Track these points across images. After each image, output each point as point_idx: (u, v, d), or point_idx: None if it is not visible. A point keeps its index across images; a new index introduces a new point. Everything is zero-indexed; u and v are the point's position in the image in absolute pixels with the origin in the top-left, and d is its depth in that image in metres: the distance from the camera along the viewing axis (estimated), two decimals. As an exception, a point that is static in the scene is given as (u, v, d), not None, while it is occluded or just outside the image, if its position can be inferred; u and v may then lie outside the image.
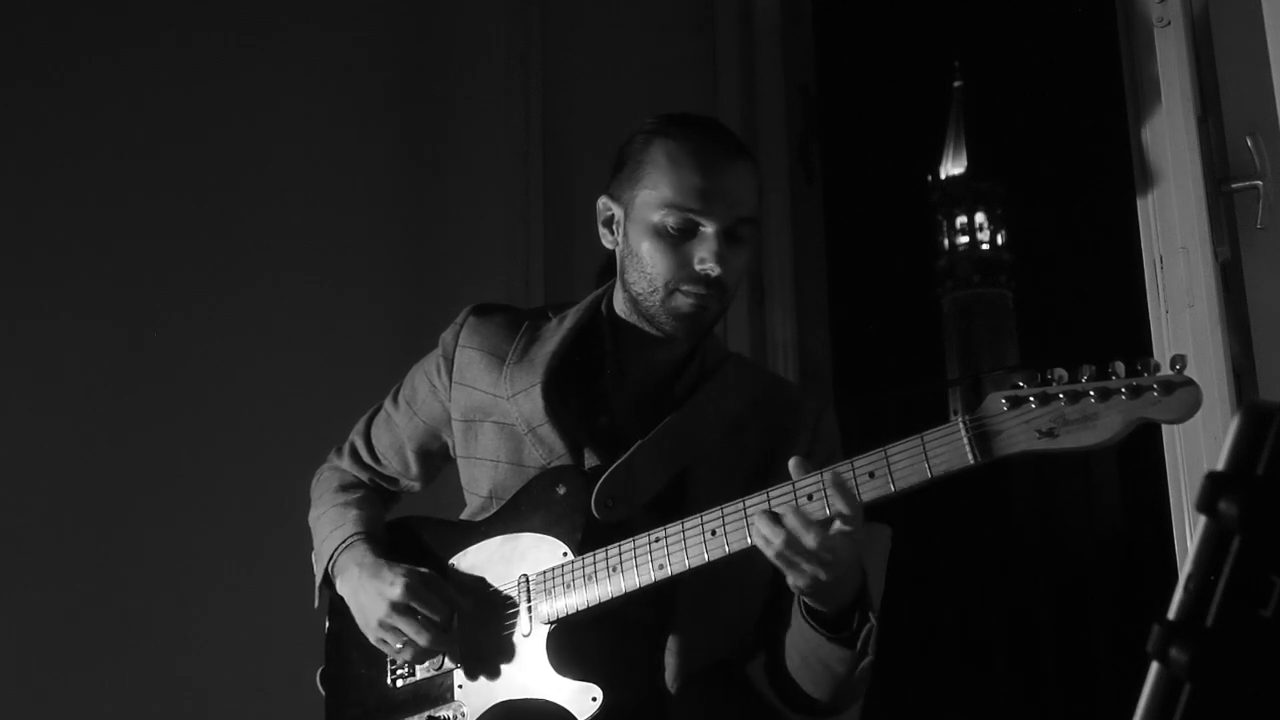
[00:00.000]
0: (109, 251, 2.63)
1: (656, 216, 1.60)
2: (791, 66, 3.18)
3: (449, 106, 3.19)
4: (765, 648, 1.62)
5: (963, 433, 1.35)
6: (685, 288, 1.60)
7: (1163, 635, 0.73)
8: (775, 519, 1.40)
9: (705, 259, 1.58)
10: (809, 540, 1.38)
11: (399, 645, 1.64)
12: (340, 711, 1.76)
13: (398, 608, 1.62)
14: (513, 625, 1.61)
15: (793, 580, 1.43)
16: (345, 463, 1.90)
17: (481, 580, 1.66)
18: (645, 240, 1.61)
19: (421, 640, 1.62)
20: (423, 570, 1.66)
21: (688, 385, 1.71)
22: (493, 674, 1.61)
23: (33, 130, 2.58)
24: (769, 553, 1.41)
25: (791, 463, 1.44)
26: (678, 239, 1.60)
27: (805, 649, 1.53)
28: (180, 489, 2.61)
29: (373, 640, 1.68)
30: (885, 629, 2.01)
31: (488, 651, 1.62)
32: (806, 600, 1.48)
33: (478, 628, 1.64)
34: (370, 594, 1.66)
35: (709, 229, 1.59)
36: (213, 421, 2.69)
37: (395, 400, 1.88)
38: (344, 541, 1.75)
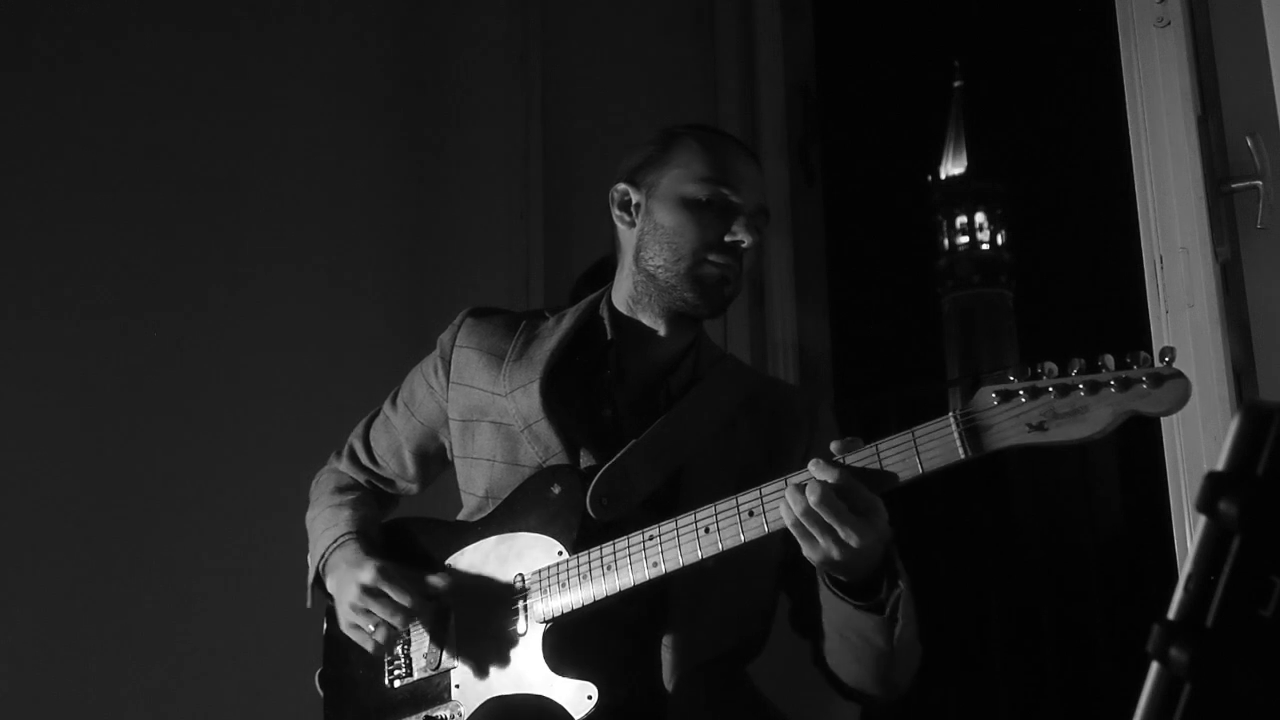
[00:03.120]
0: (107, 251, 2.62)
1: (690, 189, 1.67)
2: (791, 66, 3.18)
3: (449, 106, 3.19)
4: (809, 640, 1.60)
5: (953, 427, 1.35)
6: (713, 257, 1.66)
7: (1163, 635, 0.73)
8: (799, 489, 1.39)
9: (738, 230, 1.65)
10: (825, 513, 1.37)
11: (371, 627, 1.64)
12: (338, 712, 1.77)
13: (368, 590, 1.63)
14: (509, 624, 1.61)
15: (806, 552, 1.41)
16: (344, 465, 1.91)
17: (478, 580, 1.66)
18: (675, 213, 1.67)
19: (395, 620, 1.62)
20: (397, 565, 1.66)
21: (682, 381, 1.72)
22: (489, 673, 1.61)
23: (33, 125, 2.58)
24: (788, 520, 1.40)
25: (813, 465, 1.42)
26: (709, 213, 1.67)
27: (839, 622, 1.50)
28: (179, 489, 2.60)
29: (345, 629, 1.68)
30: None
31: (484, 651, 1.62)
32: (829, 573, 1.45)
33: (474, 627, 1.64)
34: (346, 583, 1.67)
35: (740, 205, 1.67)
36: (212, 422, 2.68)
37: (394, 403, 1.89)
38: (335, 541, 1.75)
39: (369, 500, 1.86)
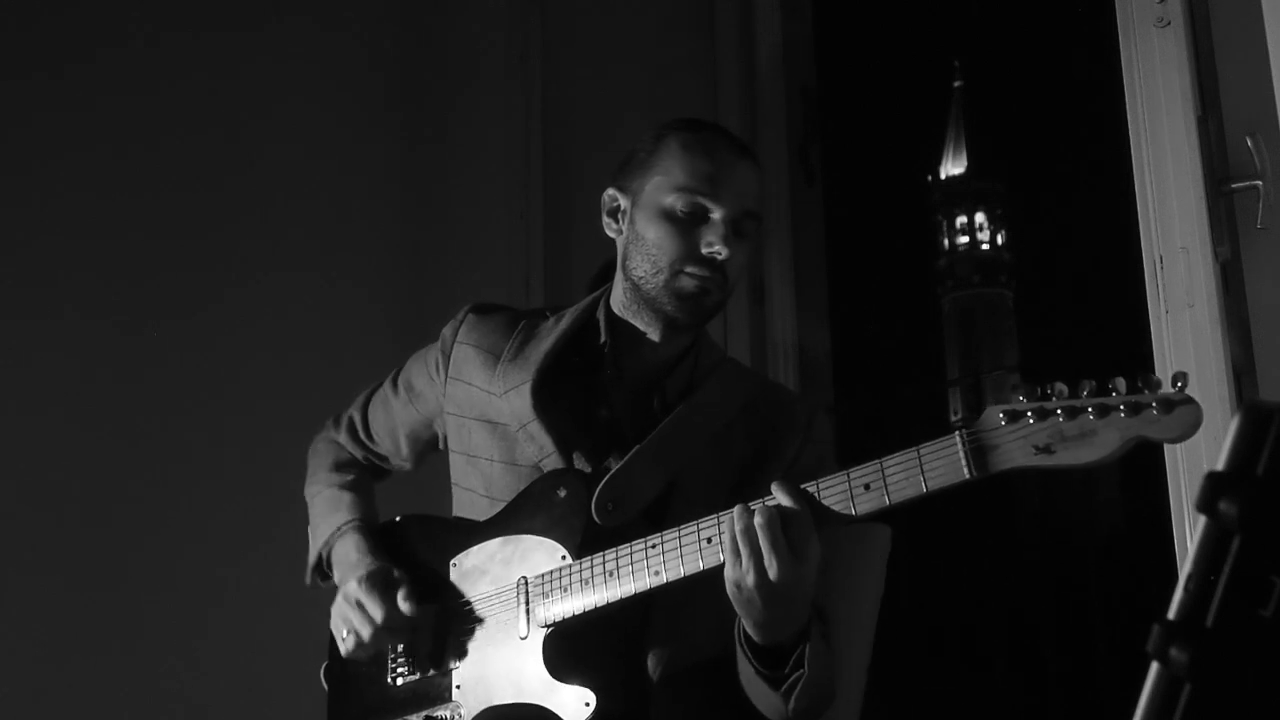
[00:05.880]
0: (106, 250, 2.62)
1: (668, 200, 1.64)
2: (792, 67, 3.19)
3: (449, 106, 3.19)
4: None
5: (959, 447, 1.34)
6: (690, 269, 1.64)
7: (1163, 635, 0.73)
8: (746, 507, 1.41)
9: (713, 242, 1.62)
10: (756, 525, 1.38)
11: (344, 634, 1.68)
12: (341, 707, 1.77)
13: (348, 599, 1.66)
14: (511, 627, 1.61)
15: (727, 570, 1.41)
16: (342, 436, 1.95)
17: (482, 581, 1.67)
18: (654, 224, 1.65)
19: (364, 633, 1.64)
20: (391, 570, 1.68)
21: (678, 384, 1.72)
22: (490, 676, 1.61)
23: (32, 127, 2.58)
24: (726, 535, 1.42)
25: (774, 484, 1.42)
26: (687, 223, 1.64)
27: (743, 670, 1.52)
28: (178, 488, 2.60)
29: (331, 626, 1.72)
30: (886, 628, 2.01)
31: (486, 653, 1.62)
32: (743, 624, 1.46)
33: (477, 629, 1.64)
34: (344, 583, 1.71)
35: (717, 215, 1.63)
36: (213, 421, 2.68)
37: (394, 384, 1.91)
38: (338, 529, 1.79)
39: (366, 481, 1.90)
